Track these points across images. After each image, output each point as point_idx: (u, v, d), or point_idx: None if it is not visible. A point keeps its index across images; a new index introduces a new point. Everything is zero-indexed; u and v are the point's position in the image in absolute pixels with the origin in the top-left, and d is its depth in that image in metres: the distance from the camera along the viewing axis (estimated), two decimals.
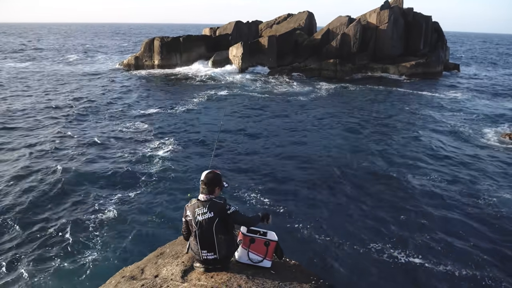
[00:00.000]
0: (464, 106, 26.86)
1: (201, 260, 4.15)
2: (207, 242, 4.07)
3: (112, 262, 8.77)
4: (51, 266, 8.59)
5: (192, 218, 4.08)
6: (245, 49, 37.06)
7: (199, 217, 4.04)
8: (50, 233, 9.88)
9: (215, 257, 4.11)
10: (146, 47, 40.23)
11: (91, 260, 8.81)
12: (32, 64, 44.89)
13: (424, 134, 19.48)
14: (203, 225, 4.03)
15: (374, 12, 39.81)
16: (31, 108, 23.09)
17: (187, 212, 4.16)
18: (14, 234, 9.79)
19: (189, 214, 4.12)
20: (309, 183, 13.33)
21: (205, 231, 4.04)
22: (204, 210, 4.04)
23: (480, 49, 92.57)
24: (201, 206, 4.07)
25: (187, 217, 4.16)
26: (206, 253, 4.09)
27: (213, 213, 4.03)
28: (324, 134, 19.40)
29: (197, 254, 4.15)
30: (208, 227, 4.03)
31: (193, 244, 4.17)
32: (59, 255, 8.97)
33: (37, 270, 8.46)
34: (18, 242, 9.45)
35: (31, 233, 9.83)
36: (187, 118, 21.95)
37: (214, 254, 4.09)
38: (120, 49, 70.83)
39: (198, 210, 4.07)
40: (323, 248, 9.52)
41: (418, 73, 37.60)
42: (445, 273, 8.66)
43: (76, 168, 13.88)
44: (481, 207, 11.74)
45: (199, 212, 4.05)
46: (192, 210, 4.11)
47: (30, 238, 9.64)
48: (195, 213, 4.07)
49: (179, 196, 12.01)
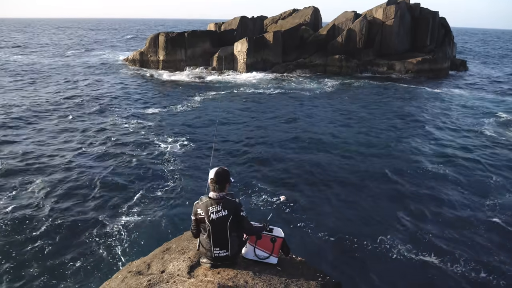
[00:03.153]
0: (471, 103, 26.60)
1: (212, 257, 4.13)
2: (220, 240, 4.06)
3: (118, 256, 8.83)
4: (57, 261, 8.65)
5: (205, 216, 4.04)
6: (250, 45, 36.88)
7: (213, 215, 4.02)
8: (55, 228, 9.95)
9: (227, 255, 4.11)
10: (151, 42, 40.17)
11: (97, 255, 8.87)
12: (26, 58, 45.05)
13: (431, 131, 19.35)
14: (217, 223, 4.02)
15: (380, 7, 39.43)
16: (32, 105, 23.23)
17: (198, 210, 4.12)
18: (21, 228, 9.88)
19: (201, 212, 4.08)
20: (315, 180, 13.29)
21: (219, 229, 4.03)
22: (218, 208, 4.02)
23: (489, 45, 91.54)
24: (215, 204, 4.04)
25: (198, 216, 4.11)
26: (219, 251, 4.09)
27: (227, 211, 4.03)
28: (329, 130, 19.30)
29: (209, 251, 4.13)
30: (223, 225, 4.02)
31: (205, 241, 4.14)
32: (64, 250, 9.04)
33: (41, 263, 8.54)
34: (24, 237, 9.54)
35: (37, 228, 9.92)
36: (190, 117, 21.94)
37: (226, 252, 4.10)
38: (125, 44, 70.90)
39: (211, 208, 4.04)
40: (330, 245, 9.50)
41: (424, 69, 37.25)
42: (453, 270, 8.62)
43: (81, 164, 13.96)
44: (489, 204, 11.64)
45: (213, 210, 4.03)
46: (204, 208, 4.06)
47: (37, 232, 9.72)
48: (208, 211, 4.04)
49: (184, 193, 12.03)
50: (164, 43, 38.94)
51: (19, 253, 8.86)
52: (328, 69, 37.95)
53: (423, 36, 39.43)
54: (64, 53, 53.29)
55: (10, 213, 10.44)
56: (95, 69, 39.05)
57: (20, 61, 43.35)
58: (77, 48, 61.15)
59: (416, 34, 39.71)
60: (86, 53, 53.51)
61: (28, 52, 53.43)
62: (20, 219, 10.22)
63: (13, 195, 11.53)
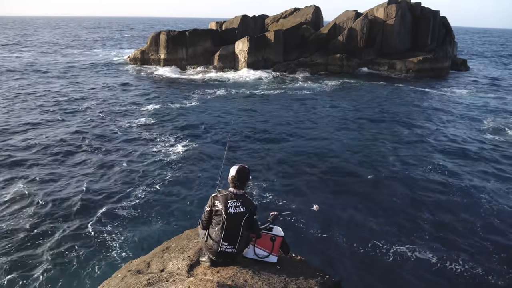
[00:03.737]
0: (471, 102, 26.58)
1: (217, 251, 4.12)
2: (231, 235, 4.08)
3: (118, 255, 8.84)
4: (57, 259, 8.67)
5: (223, 208, 4.07)
6: (251, 44, 36.84)
7: (231, 209, 4.07)
8: (56, 226, 9.97)
9: (233, 251, 4.13)
10: (152, 41, 40.16)
11: (97, 254, 8.88)
12: (30, 56, 45.10)
13: (435, 130, 19.35)
14: (234, 217, 4.06)
15: (381, 6, 39.36)
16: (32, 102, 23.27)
17: (215, 202, 4.14)
18: (18, 227, 9.90)
19: (219, 204, 4.10)
20: (316, 179, 13.30)
21: (234, 224, 4.06)
22: (237, 203, 4.09)
23: (490, 45, 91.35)
24: (235, 199, 4.10)
25: (215, 207, 4.13)
26: (226, 246, 4.10)
27: (245, 209, 4.09)
28: (330, 130, 19.30)
29: (216, 244, 4.11)
30: (238, 220, 4.07)
31: (215, 234, 4.14)
32: (63, 249, 9.05)
33: (40, 262, 8.55)
34: (24, 237, 9.56)
35: (34, 228, 9.93)
36: (195, 116, 21.94)
37: (233, 248, 4.11)
38: (125, 42, 70.89)
39: (231, 202, 4.08)
40: (329, 244, 9.50)
41: (425, 69, 37.18)
42: (451, 270, 8.61)
43: (88, 163, 13.98)
44: (488, 205, 11.63)
45: (232, 204, 4.08)
46: (224, 200, 4.09)
47: (37, 232, 9.74)
48: (227, 204, 4.07)
49: (186, 192, 12.03)
50: (165, 42, 38.92)
51: (17, 255, 8.88)
52: (329, 68, 37.91)
53: (424, 35, 39.34)
54: (65, 51, 53.28)
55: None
56: (95, 67, 39.05)
57: (21, 58, 43.41)
58: (77, 46, 61.14)
59: (417, 34, 39.63)
60: (86, 52, 53.50)
61: (26, 49, 53.43)
62: (13, 221, 10.24)
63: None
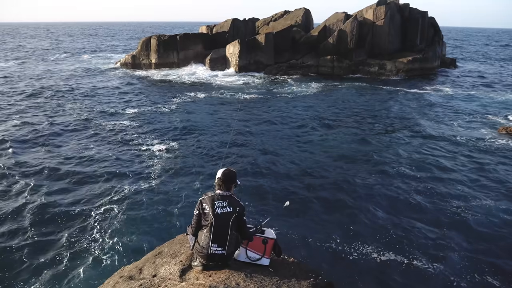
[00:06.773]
0: (459, 101, 26.93)
1: (207, 254, 4.11)
2: (220, 236, 4.08)
3: (110, 262, 8.76)
4: (48, 265, 8.57)
5: (210, 210, 4.09)
6: (242, 47, 36.94)
7: (219, 210, 4.08)
8: (47, 231, 9.86)
9: (223, 253, 4.11)
10: (143, 45, 40.07)
11: (89, 261, 8.78)
12: (19, 65, 44.69)
13: (422, 131, 19.52)
14: (221, 218, 4.07)
15: (370, 8, 39.70)
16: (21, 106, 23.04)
17: (203, 204, 4.16)
18: (11, 229, 9.77)
19: (206, 206, 4.12)
20: (308, 181, 13.32)
21: (222, 224, 4.07)
22: (224, 204, 4.11)
23: (477, 45, 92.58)
24: (221, 200, 4.12)
25: (203, 210, 4.14)
26: (216, 247, 4.09)
27: (232, 209, 4.11)
28: (320, 133, 19.38)
29: (205, 248, 4.10)
30: (226, 221, 4.07)
31: (204, 236, 4.14)
32: (55, 255, 8.95)
33: (34, 268, 8.44)
34: (15, 238, 9.44)
35: (28, 231, 9.82)
36: (183, 119, 21.88)
37: (223, 250, 4.10)
38: (115, 47, 70.54)
39: (218, 202, 4.10)
40: (322, 246, 9.51)
41: (415, 68, 37.57)
42: (443, 271, 8.68)
43: (75, 167, 13.85)
44: (481, 206, 11.75)
45: (219, 205, 4.10)
46: (210, 202, 4.12)
47: (29, 236, 9.62)
48: (214, 205, 4.09)
49: (177, 196, 11.97)
50: (156, 46, 38.88)
51: (6, 258, 8.77)
52: (320, 70, 38.12)
53: (413, 36, 39.79)
54: (57, 57, 52.87)
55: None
56: (86, 72, 38.77)
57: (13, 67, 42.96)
58: (69, 51, 60.69)
59: (406, 34, 40.06)
60: (76, 57, 53.12)
61: (15, 57, 52.90)
62: (4, 224, 10.12)
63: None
